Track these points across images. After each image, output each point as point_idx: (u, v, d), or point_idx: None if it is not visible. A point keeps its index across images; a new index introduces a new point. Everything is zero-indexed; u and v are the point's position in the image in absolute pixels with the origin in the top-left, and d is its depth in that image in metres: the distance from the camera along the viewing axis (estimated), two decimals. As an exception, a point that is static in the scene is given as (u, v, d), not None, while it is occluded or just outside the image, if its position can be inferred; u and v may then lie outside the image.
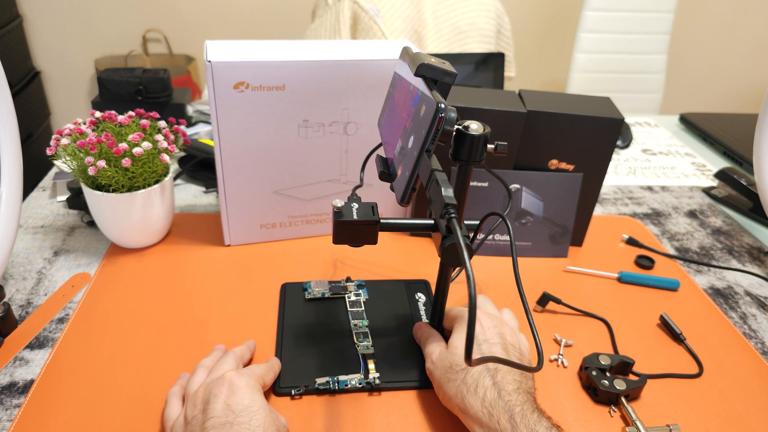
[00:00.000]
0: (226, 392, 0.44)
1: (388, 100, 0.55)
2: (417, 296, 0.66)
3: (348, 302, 0.64)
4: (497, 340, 0.49)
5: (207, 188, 0.88)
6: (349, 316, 0.62)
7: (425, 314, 0.63)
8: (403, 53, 0.51)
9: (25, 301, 0.63)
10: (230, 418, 0.42)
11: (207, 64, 0.59)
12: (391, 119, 0.51)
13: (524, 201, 0.72)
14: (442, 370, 0.49)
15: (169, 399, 0.49)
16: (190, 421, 0.44)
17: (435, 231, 0.50)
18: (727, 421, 0.53)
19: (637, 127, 1.25)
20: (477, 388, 0.45)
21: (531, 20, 2.34)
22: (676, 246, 0.81)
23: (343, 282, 0.66)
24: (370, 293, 0.65)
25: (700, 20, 2.36)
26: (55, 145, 0.64)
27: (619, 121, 0.67)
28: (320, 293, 0.64)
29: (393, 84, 0.54)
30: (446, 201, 0.38)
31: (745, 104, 2.54)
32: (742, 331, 0.65)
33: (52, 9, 2.12)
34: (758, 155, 0.71)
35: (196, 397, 0.46)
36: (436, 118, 0.38)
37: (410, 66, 0.46)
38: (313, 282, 0.65)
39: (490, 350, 0.48)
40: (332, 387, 0.53)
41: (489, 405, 0.44)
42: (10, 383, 0.53)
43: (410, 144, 0.43)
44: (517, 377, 0.46)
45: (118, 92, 1.02)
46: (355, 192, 0.51)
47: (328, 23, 1.35)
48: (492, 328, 0.51)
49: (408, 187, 0.42)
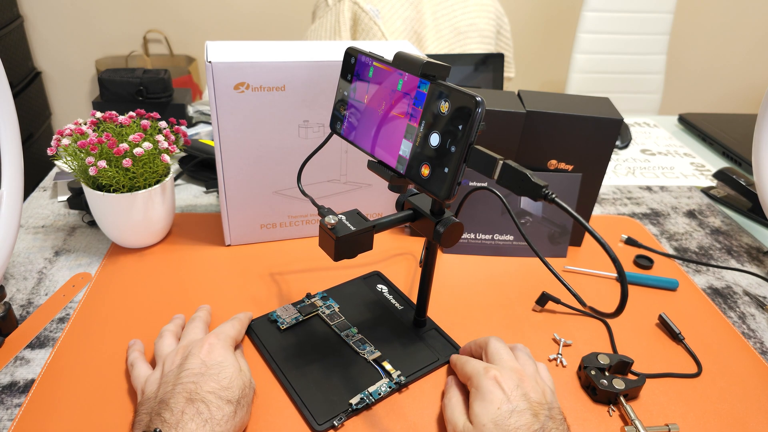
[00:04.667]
0: (205, 351, 0.49)
1: (348, 106, 0.52)
2: (379, 288, 0.67)
3: (324, 317, 0.61)
4: (524, 405, 0.45)
5: (207, 188, 0.88)
6: (335, 330, 0.60)
7: (397, 303, 0.65)
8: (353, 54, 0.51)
9: (25, 300, 0.63)
10: (203, 370, 0.47)
11: (207, 65, 0.60)
12: (370, 123, 0.50)
13: (523, 201, 0.73)
14: None
15: (135, 363, 0.52)
16: (165, 374, 0.48)
17: (418, 219, 0.51)
18: (726, 420, 0.53)
19: (636, 127, 1.25)
20: None
21: (530, 21, 2.34)
22: (675, 246, 0.81)
23: (307, 300, 0.64)
24: (338, 301, 0.64)
25: (699, 21, 2.36)
26: (56, 145, 0.64)
27: (618, 122, 0.67)
28: (293, 319, 0.60)
29: (348, 89, 0.52)
30: (540, 184, 0.40)
31: (744, 104, 2.54)
32: (741, 330, 0.65)
33: (53, 9, 2.12)
34: (757, 155, 0.72)
35: (175, 354, 0.50)
36: (477, 111, 0.40)
37: (401, 66, 0.46)
38: (278, 311, 0.61)
39: (520, 422, 0.43)
40: (368, 401, 0.52)
41: None
42: (11, 383, 0.53)
43: (435, 141, 0.43)
44: None
45: (118, 93, 1.02)
46: (321, 205, 0.52)
47: (329, 24, 1.35)
48: (515, 389, 0.46)
49: (454, 182, 0.42)
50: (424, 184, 0.44)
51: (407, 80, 0.46)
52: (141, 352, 0.54)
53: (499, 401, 0.45)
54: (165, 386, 0.46)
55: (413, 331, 0.61)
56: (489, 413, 0.44)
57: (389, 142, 0.48)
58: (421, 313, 0.60)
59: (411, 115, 0.45)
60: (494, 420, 0.44)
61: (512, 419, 0.44)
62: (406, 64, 0.45)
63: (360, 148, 0.51)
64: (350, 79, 0.52)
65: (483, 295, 0.68)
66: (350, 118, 0.52)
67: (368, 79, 0.50)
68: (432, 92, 0.43)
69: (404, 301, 0.65)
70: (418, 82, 0.45)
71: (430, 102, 0.44)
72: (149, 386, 0.48)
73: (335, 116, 0.54)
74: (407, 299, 0.66)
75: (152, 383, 0.48)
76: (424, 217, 0.50)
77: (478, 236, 0.74)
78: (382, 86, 0.48)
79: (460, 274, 0.71)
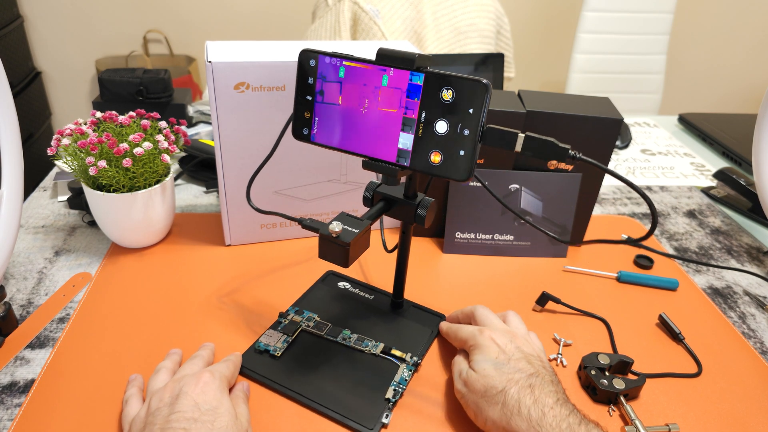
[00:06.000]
0: (198, 391, 0.45)
1: (316, 110, 0.50)
2: (341, 286, 0.67)
3: (311, 330, 0.59)
4: (519, 355, 0.49)
5: (207, 188, 0.88)
6: (329, 338, 0.58)
7: (366, 294, 0.66)
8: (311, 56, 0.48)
9: (26, 300, 0.63)
10: (196, 415, 0.43)
11: (207, 65, 0.60)
12: (352, 123, 0.48)
13: (524, 201, 0.72)
14: (477, 395, 0.48)
15: (129, 400, 0.49)
16: (153, 412, 0.44)
17: (395, 206, 0.53)
18: (726, 420, 0.53)
19: (636, 127, 1.25)
20: (521, 409, 0.45)
21: (530, 21, 2.34)
22: (675, 246, 0.81)
23: (285, 319, 0.61)
24: (312, 310, 0.62)
25: (699, 21, 2.36)
26: (56, 145, 0.64)
27: (618, 122, 0.67)
28: (283, 342, 0.57)
29: (312, 92, 0.49)
30: (566, 147, 0.44)
31: (744, 104, 2.54)
32: (741, 330, 0.65)
33: (53, 9, 2.12)
34: (757, 155, 0.72)
35: (164, 391, 0.46)
36: (487, 94, 0.42)
37: (386, 62, 0.46)
38: (263, 339, 0.57)
39: (517, 367, 0.48)
40: (400, 389, 0.53)
41: (536, 424, 0.44)
42: (11, 383, 0.53)
43: (443, 128, 0.45)
44: (552, 387, 0.47)
45: (118, 93, 1.02)
46: (300, 217, 0.52)
47: (329, 24, 1.35)
48: (508, 344, 0.51)
49: (473, 162, 0.44)
50: (437, 171, 0.46)
51: (394, 75, 0.46)
52: (139, 389, 0.51)
53: (496, 352, 0.50)
54: (151, 427, 0.42)
55: (395, 314, 0.63)
56: (488, 359, 0.49)
57: (383, 138, 0.48)
58: (398, 296, 0.63)
59: (406, 108, 0.46)
60: (493, 364, 0.49)
61: (510, 364, 0.49)
62: (393, 60, 0.46)
63: (342, 150, 0.49)
64: (313, 81, 0.49)
65: (483, 295, 0.68)
66: (322, 121, 0.50)
67: (339, 79, 0.48)
68: (429, 83, 0.44)
69: (371, 290, 0.67)
70: (410, 75, 0.45)
71: (428, 92, 0.45)
72: (135, 425, 0.45)
73: (299, 122, 0.51)
74: (374, 288, 0.67)
75: (138, 422, 0.45)
76: (399, 203, 0.52)
77: (478, 236, 0.74)
78: (361, 85, 0.47)
79: (460, 274, 0.71)
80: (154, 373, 0.51)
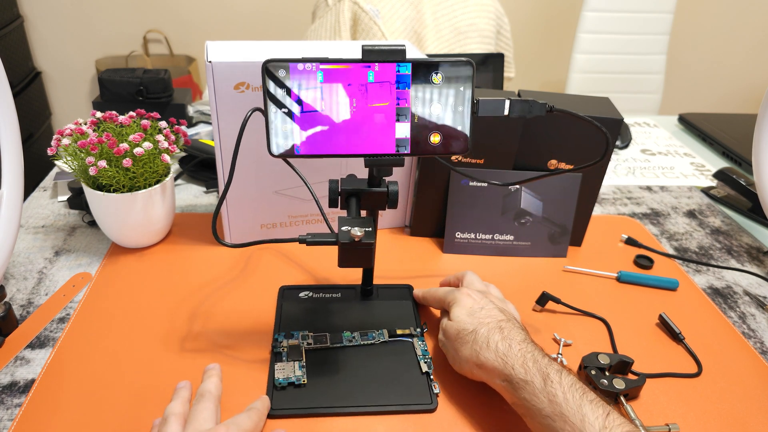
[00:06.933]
0: None
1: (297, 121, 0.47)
2: (303, 295, 0.65)
3: (313, 347, 0.57)
4: (491, 306, 0.54)
5: (207, 188, 0.88)
6: (335, 347, 0.57)
7: (332, 294, 0.65)
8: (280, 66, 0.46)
9: (26, 300, 0.63)
10: None
11: (207, 65, 0.60)
12: (341, 126, 0.47)
13: (523, 201, 0.72)
14: (452, 339, 0.53)
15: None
16: None
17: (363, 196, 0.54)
18: (726, 420, 0.53)
19: (636, 127, 1.25)
20: (489, 344, 0.49)
21: (530, 21, 2.34)
22: (675, 246, 0.81)
23: (283, 348, 0.57)
24: (296, 328, 0.60)
25: (699, 21, 2.36)
26: (56, 145, 0.64)
27: (618, 122, 0.67)
28: (300, 368, 0.54)
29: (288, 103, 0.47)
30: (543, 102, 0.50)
31: (744, 104, 2.54)
32: (741, 330, 0.65)
33: (53, 9, 2.12)
34: (757, 155, 0.72)
35: None
36: (473, 69, 0.47)
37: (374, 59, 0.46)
38: (279, 375, 0.53)
39: (489, 314, 0.53)
40: (429, 360, 0.57)
41: (503, 355, 0.48)
42: (11, 383, 0.53)
43: (438, 110, 0.48)
44: (521, 331, 0.51)
45: (118, 93, 1.02)
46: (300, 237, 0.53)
47: (329, 24, 1.35)
48: (482, 298, 0.56)
49: (472, 134, 0.49)
50: (440, 149, 0.49)
51: (380, 69, 0.46)
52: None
53: (471, 303, 0.55)
54: None
55: (370, 300, 0.65)
56: (463, 310, 0.54)
57: (378, 132, 0.48)
58: (368, 283, 0.64)
59: (398, 99, 0.47)
60: (468, 312, 0.53)
61: (483, 312, 0.53)
62: (380, 55, 0.46)
63: (337, 156, 0.48)
64: (287, 92, 0.46)
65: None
66: (306, 132, 0.47)
67: (318, 84, 0.46)
68: (418, 70, 0.46)
69: (332, 289, 0.66)
70: (397, 66, 0.46)
71: (418, 80, 0.47)
72: None
73: (277, 138, 0.47)
74: (332, 286, 0.67)
75: None
76: (367, 193, 0.54)
77: (478, 236, 0.74)
78: (345, 85, 0.46)
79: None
80: (163, 422, 0.45)
